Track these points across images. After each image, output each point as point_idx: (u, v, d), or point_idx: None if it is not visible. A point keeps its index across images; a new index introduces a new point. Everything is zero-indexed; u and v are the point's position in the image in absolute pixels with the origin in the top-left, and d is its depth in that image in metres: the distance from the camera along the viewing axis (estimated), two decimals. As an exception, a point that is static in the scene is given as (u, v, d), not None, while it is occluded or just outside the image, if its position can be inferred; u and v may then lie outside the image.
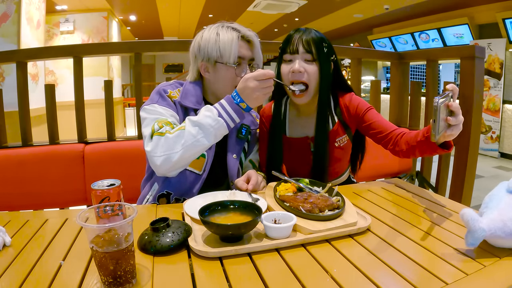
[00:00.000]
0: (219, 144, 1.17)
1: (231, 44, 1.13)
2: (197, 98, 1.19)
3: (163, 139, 1.00)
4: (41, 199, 1.57)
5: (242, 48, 1.17)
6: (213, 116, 1.01)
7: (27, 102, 1.77)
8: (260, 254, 0.73)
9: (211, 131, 1.00)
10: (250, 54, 1.20)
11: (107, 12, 5.96)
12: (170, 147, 0.99)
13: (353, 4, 6.17)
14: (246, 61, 1.18)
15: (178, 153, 0.99)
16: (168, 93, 1.17)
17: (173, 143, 0.99)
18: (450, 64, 7.38)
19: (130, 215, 0.61)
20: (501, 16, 5.24)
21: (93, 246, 0.59)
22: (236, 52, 1.14)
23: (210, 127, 0.99)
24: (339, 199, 0.95)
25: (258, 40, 1.22)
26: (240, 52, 1.16)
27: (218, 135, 1.03)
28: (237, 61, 1.15)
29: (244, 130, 1.27)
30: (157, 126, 1.04)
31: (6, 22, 3.20)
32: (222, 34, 1.15)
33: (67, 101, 2.57)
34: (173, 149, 0.99)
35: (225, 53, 1.14)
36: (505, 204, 0.73)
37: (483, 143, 5.60)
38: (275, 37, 10.33)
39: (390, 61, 2.28)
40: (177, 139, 0.99)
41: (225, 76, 1.17)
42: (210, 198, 0.99)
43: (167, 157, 0.99)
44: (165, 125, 1.04)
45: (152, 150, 1.01)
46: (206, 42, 1.16)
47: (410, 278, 0.64)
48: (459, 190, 1.80)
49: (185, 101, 1.16)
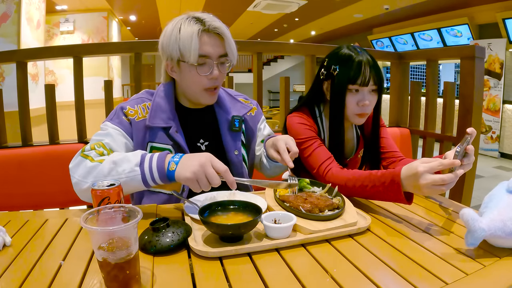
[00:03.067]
0: (213, 146, 1.13)
1: (190, 40, 1.00)
2: (168, 113, 1.08)
3: (83, 164, 0.93)
4: (41, 199, 1.57)
5: (205, 44, 1.02)
6: (132, 162, 0.90)
7: (27, 102, 1.77)
8: (260, 254, 0.73)
9: (122, 178, 0.89)
10: (218, 50, 1.04)
11: (107, 12, 5.96)
12: (83, 175, 0.92)
13: (353, 4, 6.18)
14: (213, 59, 1.04)
15: (86, 184, 0.91)
16: (126, 110, 1.06)
17: (86, 172, 0.91)
18: (450, 64, 7.39)
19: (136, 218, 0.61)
20: (501, 16, 5.24)
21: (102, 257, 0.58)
22: (196, 49, 1.00)
23: (122, 173, 0.89)
24: (340, 199, 0.95)
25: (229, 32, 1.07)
26: (203, 48, 1.01)
27: (131, 185, 0.90)
28: (199, 60, 1.02)
29: (237, 121, 1.16)
30: (89, 147, 0.97)
31: (6, 22, 3.20)
32: (183, 29, 1.01)
33: (67, 101, 2.57)
34: (85, 178, 0.91)
35: (185, 51, 1.00)
36: (505, 204, 0.73)
37: (483, 143, 5.60)
38: (275, 37, 10.34)
39: (390, 61, 2.28)
40: (91, 170, 0.91)
41: (188, 76, 1.05)
42: (210, 198, 0.99)
43: (78, 183, 0.92)
44: (97, 147, 0.97)
45: (72, 168, 0.95)
46: (168, 39, 1.03)
47: (410, 278, 0.64)
48: (459, 190, 1.80)
49: (154, 120, 1.06)
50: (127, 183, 0.89)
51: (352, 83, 1.14)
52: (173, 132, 1.07)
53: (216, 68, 1.05)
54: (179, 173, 0.86)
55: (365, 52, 1.17)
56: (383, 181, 0.94)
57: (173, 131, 1.07)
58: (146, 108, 1.09)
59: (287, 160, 0.99)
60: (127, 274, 0.59)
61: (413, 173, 0.86)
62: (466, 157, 0.89)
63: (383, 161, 1.30)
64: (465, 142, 0.87)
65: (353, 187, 1.02)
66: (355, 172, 1.05)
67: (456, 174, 0.84)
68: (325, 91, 1.25)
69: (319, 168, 1.15)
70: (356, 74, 1.13)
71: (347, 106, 1.18)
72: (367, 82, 1.14)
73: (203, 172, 0.84)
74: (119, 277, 0.59)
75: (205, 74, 1.04)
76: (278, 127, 2.01)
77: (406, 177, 0.88)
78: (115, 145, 1.01)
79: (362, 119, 1.20)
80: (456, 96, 1.94)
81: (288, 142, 1.02)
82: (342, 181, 1.05)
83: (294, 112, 1.28)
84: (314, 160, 1.17)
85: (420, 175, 0.84)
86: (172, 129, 1.07)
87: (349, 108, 1.18)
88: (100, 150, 0.96)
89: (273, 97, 12.68)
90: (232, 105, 1.20)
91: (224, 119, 1.17)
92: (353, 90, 1.16)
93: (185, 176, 0.85)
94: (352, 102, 1.16)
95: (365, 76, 1.13)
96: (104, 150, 0.97)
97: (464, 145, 0.86)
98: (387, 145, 1.31)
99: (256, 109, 1.28)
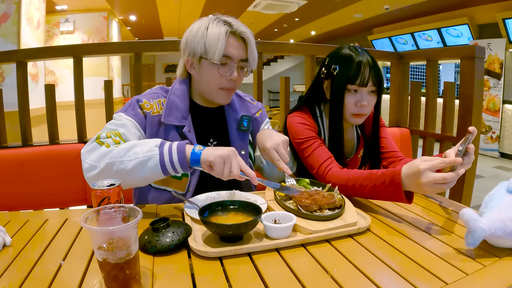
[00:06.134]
0: (221, 145, 1.13)
1: (217, 39, 1.02)
2: (183, 111, 1.09)
3: (98, 149, 0.92)
4: (41, 199, 1.57)
5: (231, 46, 1.05)
6: (152, 143, 0.91)
7: (27, 102, 1.77)
8: (260, 254, 0.73)
9: (139, 157, 0.88)
10: (241, 54, 1.07)
11: (107, 12, 5.96)
12: (97, 159, 0.91)
13: (353, 4, 6.17)
14: (235, 61, 1.06)
15: (99, 168, 0.89)
16: (142, 103, 1.07)
17: (101, 156, 0.90)
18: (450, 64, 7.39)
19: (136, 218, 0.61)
20: (501, 16, 5.24)
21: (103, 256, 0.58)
22: (222, 49, 1.02)
23: (140, 152, 0.89)
24: (340, 197, 0.95)
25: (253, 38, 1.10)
26: (228, 50, 1.04)
27: (145, 167, 0.88)
28: (222, 60, 1.04)
29: (246, 121, 1.17)
30: (105, 135, 0.96)
31: (6, 22, 3.20)
32: (211, 27, 1.04)
33: (67, 101, 2.57)
34: (98, 162, 0.90)
35: (210, 49, 1.03)
36: (505, 204, 0.73)
37: (483, 143, 5.60)
38: (275, 37, 10.33)
39: (390, 61, 2.28)
40: (106, 154, 0.90)
41: (208, 74, 1.07)
42: (210, 198, 0.99)
43: (90, 167, 0.91)
44: (113, 136, 0.96)
45: (84, 153, 0.93)
46: (194, 35, 1.05)
47: (410, 278, 0.64)
48: (459, 190, 1.80)
49: (169, 118, 1.06)
50: (143, 164, 0.88)
51: (351, 83, 1.14)
52: (186, 131, 1.08)
53: (236, 71, 1.07)
54: (209, 151, 0.87)
55: (365, 52, 1.17)
56: (383, 181, 0.94)
57: (186, 130, 1.08)
58: (161, 105, 1.10)
59: (283, 168, 1.00)
60: (127, 274, 0.59)
61: (414, 171, 0.86)
62: (466, 155, 0.89)
63: (383, 161, 1.30)
64: (467, 141, 0.87)
65: (353, 187, 1.02)
66: (355, 172, 1.05)
67: (457, 173, 0.84)
68: (325, 90, 1.25)
69: (319, 168, 1.15)
70: (355, 74, 1.13)
71: (346, 105, 1.18)
72: (366, 83, 1.14)
73: (231, 159, 0.87)
74: (119, 277, 0.59)
75: (225, 74, 1.06)
76: (278, 127, 2.01)
77: (407, 175, 0.88)
78: (130, 137, 1.00)
79: (359, 119, 1.21)
80: (456, 96, 1.94)
81: (279, 150, 1.01)
82: (342, 181, 1.05)
83: (295, 111, 1.28)
84: (314, 160, 1.17)
85: (422, 173, 0.84)
86: (185, 128, 1.08)
87: (347, 107, 1.18)
88: (117, 139, 0.96)
89: (273, 97, 12.68)
90: (241, 105, 1.21)
91: (233, 119, 1.18)
92: (352, 90, 1.16)
93: (215, 154, 0.86)
94: (351, 101, 1.17)
95: (364, 77, 1.13)
96: (120, 139, 0.97)
97: (466, 143, 0.86)
98: (387, 145, 1.31)
99: (262, 111, 1.29)
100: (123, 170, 0.89)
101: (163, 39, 10.08)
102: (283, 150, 1.01)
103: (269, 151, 1.01)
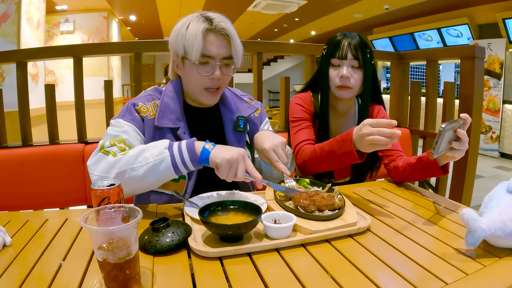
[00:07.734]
0: None
1: (194, 38, 0.99)
2: (177, 113, 1.07)
3: (105, 160, 0.91)
4: (41, 199, 1.57)
5: (210, 43, 1.01)
6: (160, 146, 0.89)
7: (27, 102, 1.77)
8: (260, 254, 0.73)
9: (150, 162, 0.87)
10: (222, 51, 1.03)
11: (107, 12, 5.96)
12: (106, 170, 0.89)
13: (353, 4, 6.17)
14: (216, 60, 1.03)
15: (109, 179, 0.88)
16: (138, 107, 1.05)
17: (110, 167, 0.89)
18: (450, 64, 7.39)
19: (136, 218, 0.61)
20: (501, 16, 5.24)
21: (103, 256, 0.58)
22: (199, 48, 0.99)
23: (150, 157, 0.88)
24: (341, 198, 0.95)
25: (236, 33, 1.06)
26: (207, 48, 1.01)
27: (157, 170, 0.88)
28: (201, 59, 1.01)
29: (242, 122, 1.15)
30: (108, 143, 0.94)
31: (6, 22, 3.20)
32: (191, 26, 1.00)
33: (67, 101, 2.57)
34: (108, 173, 0.89)
35: (188, 48, 1.00)
36: (505, 204, 0.73)
37: (483, 143, 5.60)
38: (275, 37, 10.34)
39: (390, 61, 2.28)
40: (114, 164, 0.89)
41: (191, 75, 1.04)
42: (210, 198, 0.99)
43: (99, 179, 0.88)
44: (117, 143, 0.95)
45: (91, 165, 0.92)
46: (175, 35, 1.03)
47: (410, 278, 0.64)
48: (459, 190, 1.80)
49: (162, 120, 1.04)
50: (155, 168, 0.88)
51: (332, 56, 1.27)
52: (181, 133, 1.06)
53: (218, 69, 1.04)
54: (218, 152, 0.87)
55: (356, 36, 1.27)
56: (339, 140, 1.05)
57: (181, 132, 1.06)
58: (156, 106, 1.08)
59: (282, 169, 0.99)
60: (127, 274, 0.59)
61: (360, 125, 0.97)
62: (459, 142, 0.91)
63: (385, 159, 1.30)
64: (456, 123, 0.88)
65: (318, 158, 1.13)
66: (320, 143, 1.16)
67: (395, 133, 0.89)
68: None
69: (296, 146, 1.26)
70: (335, 48, 1.26)
71: (330, 79, 1.29)
72: (345, 55, 1.24)
73: (238, 163, 0.86)
74: (119, 277, 0.59)
75: (206, 74, 1.03)
76: (278, 127, 2.01)
77: (356, 131, 0.99)
78: (133, 141, 0.99)
79: (344, 91, 1.28)
80: (456, 96, 1.94)
81: (277, 151, 1.00)
82: (308, 154, 1.16)
83: (300, 93, 1.40)
84: (295, 138, 1.29)
85: (364, 125, 0.95)
86: (180, 130, 1.06)
87: (332, 81, 1.28)
88: (122, 146, 0.95)
89: (273, 97, 12.69)
90: (237, 105, 1.20)
91: (229, 119, 1.16)
92: (335, 64, 1.27)
93: (223, 157, 0.86)
94: (334, 74, 1.28)
95: (342, 50, 1.24)
96: (125, 146, 0.95)
97: (453, 125, 0.88)
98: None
99: (260, 110, 1.27)
100: (135, 176, 0.88)
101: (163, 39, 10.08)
102: (281, 151, 1.01)
103: (268, 153, 1.01)
